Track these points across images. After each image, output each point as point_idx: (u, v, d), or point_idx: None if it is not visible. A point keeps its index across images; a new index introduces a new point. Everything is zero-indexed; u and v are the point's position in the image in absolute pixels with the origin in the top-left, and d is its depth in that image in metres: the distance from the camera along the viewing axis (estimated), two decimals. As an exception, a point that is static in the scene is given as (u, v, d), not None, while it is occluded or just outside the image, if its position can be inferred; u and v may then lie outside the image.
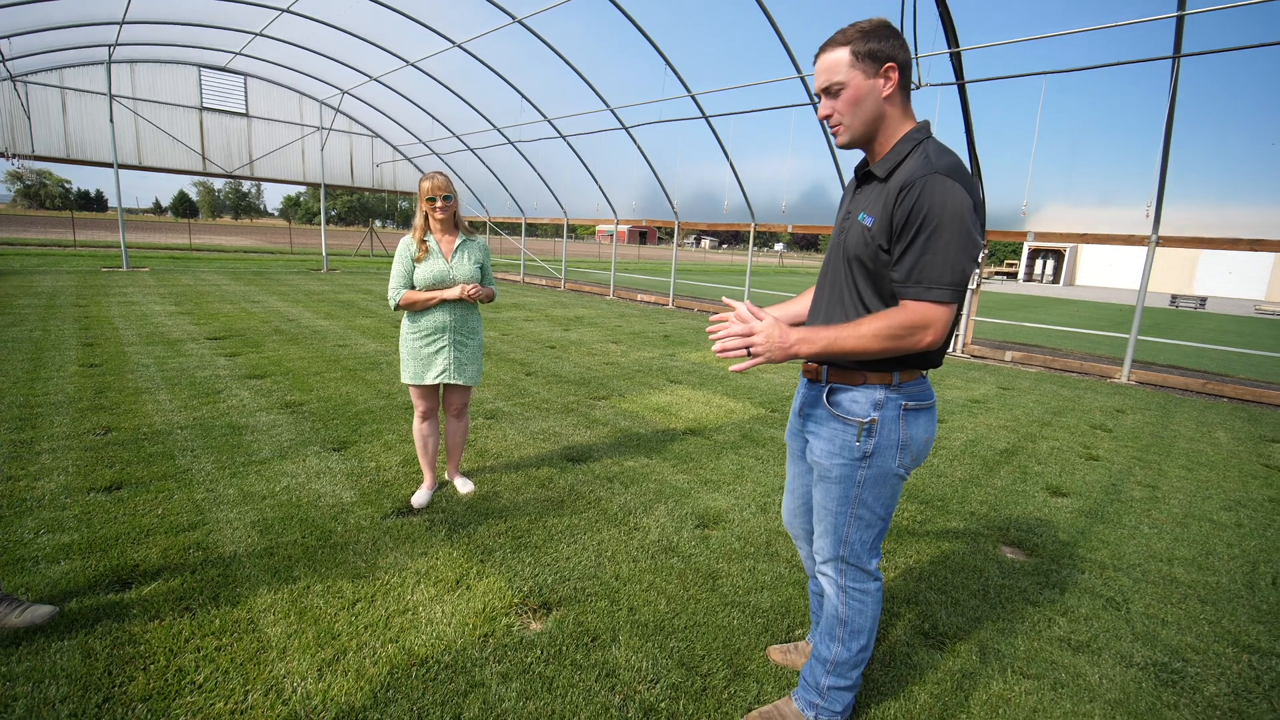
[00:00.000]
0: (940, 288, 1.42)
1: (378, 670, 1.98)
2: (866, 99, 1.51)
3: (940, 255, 1.41)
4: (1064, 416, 5.75)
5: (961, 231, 1.41)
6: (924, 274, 1.42)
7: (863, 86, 1.50)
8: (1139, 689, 2.09)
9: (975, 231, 1.43)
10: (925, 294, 1.43)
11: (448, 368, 3.11)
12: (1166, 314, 21.55)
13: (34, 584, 2.32)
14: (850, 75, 1.50)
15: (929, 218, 1.40)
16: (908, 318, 1.44)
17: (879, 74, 1.49)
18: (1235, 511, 3.69)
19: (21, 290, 10.14)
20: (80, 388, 4.81)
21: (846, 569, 1.69)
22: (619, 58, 10.81)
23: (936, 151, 1.46)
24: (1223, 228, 6.92)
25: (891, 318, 1.45)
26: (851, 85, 1.50)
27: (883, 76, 1.50)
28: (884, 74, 1.49)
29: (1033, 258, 42.61)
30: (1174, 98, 6.55)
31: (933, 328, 1.44)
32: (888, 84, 1.50)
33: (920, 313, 1.43)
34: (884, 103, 1.52)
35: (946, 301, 1.43)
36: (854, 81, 1.50)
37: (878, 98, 1.51)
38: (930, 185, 1.40)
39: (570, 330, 9.33)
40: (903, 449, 1.58)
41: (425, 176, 3.01)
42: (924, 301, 1.43)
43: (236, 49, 14.65)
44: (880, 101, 1.51)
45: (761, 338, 1.43)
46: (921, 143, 1.50)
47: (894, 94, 1.51)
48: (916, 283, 1.43)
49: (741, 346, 1.44)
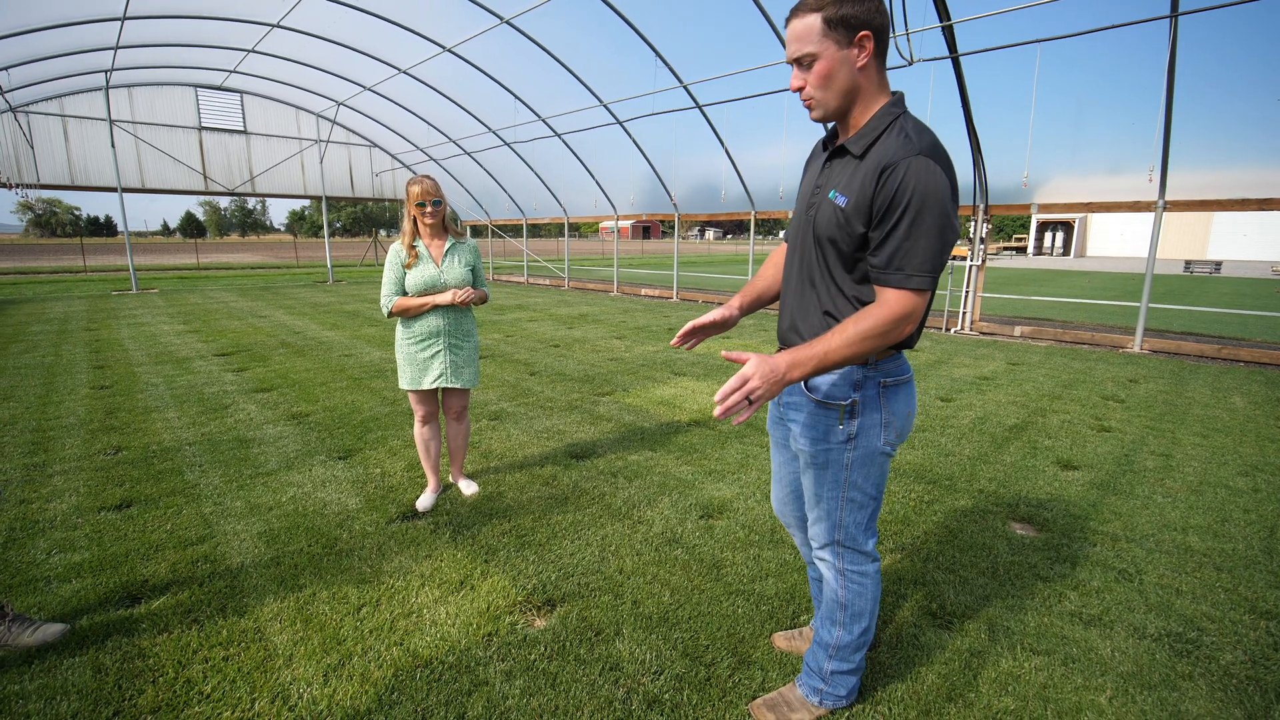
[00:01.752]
0: (921, 275, 1.37)
1: (383, 673, 1.99)
2: (840, 71, 1.41)
3: (922, 241, 1.36)
4: (1075, 389, 5.67)
5: (942, 216, 1.36)
6: (906, 261, 1.37)
7: (835, 58, 1.40)
8: (1153, 660, 2.06)
9: (954, 216, 1.39)
10: (906, 282, 1.37)
11: (444, 371, 3.11)
12: (1181, 280, 21.19)
13: (46, 603, 2.35)
14: (822, 45, 1.40)
15: (912, 203, 1.35)
16: (889, 312, 1.38)
17: (853, 43, 1.40)
18: (1252, 476, 3.62)
19: (34, 317, 10.30)
20: (91, 409, 4.88)
21: (843, 552, 1.67)
22: (609, 52, 10.76)
23: (916, 130, 1.40)
24: (1232, 189, 6.78)
25: (874, 316, 1.39)
26: (824, 56, 1.40)
27: (857, 45, 1.40)
28: (858, 43, 1.40)
29: (1041, 231, 42.05)
30: (1173, 58, 6.41)
31: (913, 317, 1.40)
32: (862, 54, 1.40)
33: (901, 304, 1.38)
34: (859, 74, 1.43)
35: (926, 289, 1.39)
36: (826, 52, 1.40)
37: (852, 69, 1.42)
38: (913, 168, 1.34)
39: (574, 328, 9.33)
40: (886, 426, 1.56)
41: (414, 180, 2.99)
42: (905, 290, 1.38)
43: (231, 67, 14.75)
44: (855, 73, 1.42)
45: (757, 380, 1.32)
46: (898, 118, 1.43)
47: (869, 64, 1.43)
48: (898, 269, 1.38)
49: (743, 399, 1.33)
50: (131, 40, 12.26)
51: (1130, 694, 1.91)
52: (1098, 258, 36.87)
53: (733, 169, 11.27)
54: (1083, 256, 38.34)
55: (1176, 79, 6.52)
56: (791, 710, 1.79)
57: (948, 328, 9.24)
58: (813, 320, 1.56)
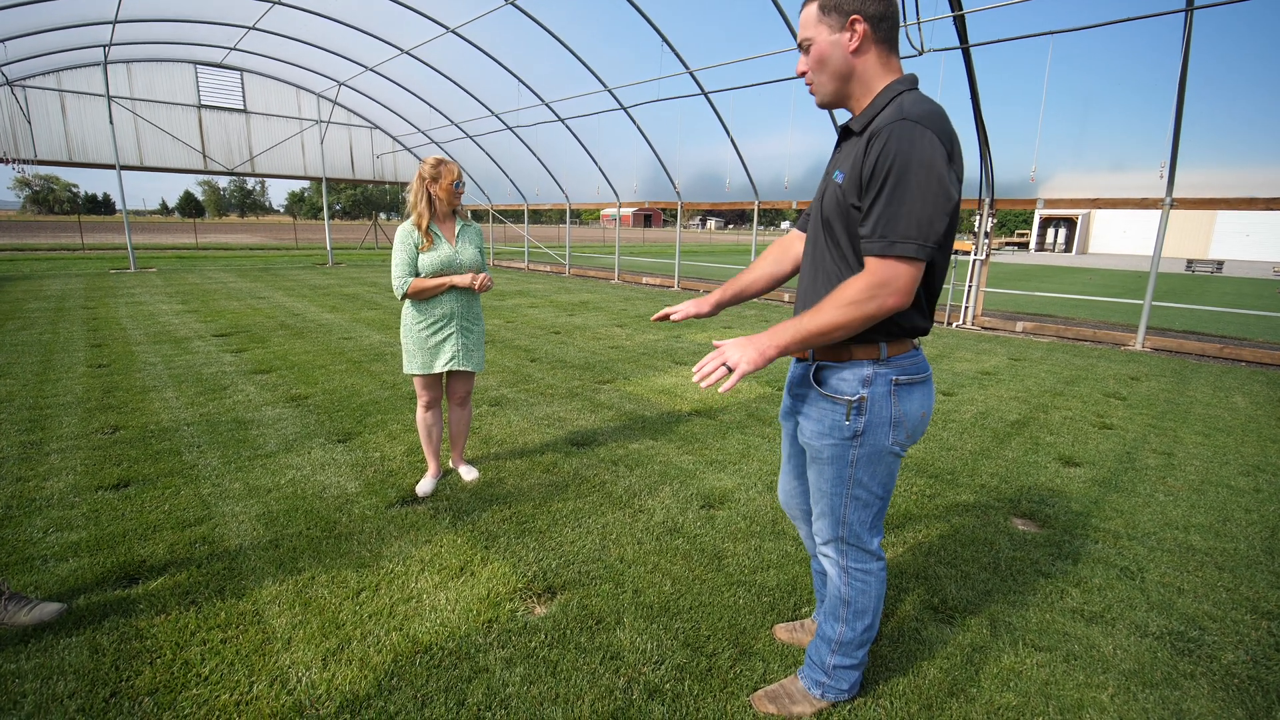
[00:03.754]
0: (906, 241, 1.30)
1: (382, 659, 1.98)
2: (832, 55, 1.44)
3: (906, 206, 1.30)
4: (1077, 386, 5.66)
5: (931, 180, 1.29)
6: (890, 227, 1.31)
7: (828, 42, 1.43)
8: (1154, 659, 2.05)
9: (949, 182, 1.32)
10: (890, 249, 1.31)
11: (456, 354, 3.08)
12: (1183, 279, 21.14)
13: (43, 582, 2.33)
14: (817, 30, 1.44)
15: (894, 167, 1.30)
16: (868, 280, 1.34)
17: (845, 27, 1.41)
18: (1254, 476, 3.61)
19: (31, 294, 10.24)
20: (89, 388, 4.85)
21: (847, 549, 1.65)
22: (614, 36, 10.63)
23: (913, 100, 1.36)
24: (1239, 188, 6.73)
25: (851, 284, 1.36)
26: (818, 41, 1.44)
27: (849, 30, 1.41)
28: (850, 27, 1.40)
29: (1044, 227, 41.89)
30: (1187, 53, 6.33)
31: (894, 286, 1.32)
32: (854, 38, 1.41)
33: (881, 271, 1.33)
34: (853, 58, 1.43)
35: (911, 256, 1.31)
36: (820, 37, 1.44)
37: (844, 53, 1.43)
38: (897, 131, 1.31)
39: (575, 315, 9.29)
40: (895, 426, 1.52)
41: (438, 162, 2.92)
42: (888, 258, 1.32)
43: (231, 44, 14.56)
44: (848, 57, 1.43)
45: (734, 349, 1.42)
46: (900, 94, 1.40)
47: (864, 47, 1.42)
48: (881, 237, 1.32)
49: (718, 364, 1.42)
50: (130, 14, 12.07)
51: (1132, 692, 1.91)
52: (1100, 254, 36.77)
53: (737, 158, 11.17)
54: (1085, 253, 38.23)
55: (1189, 75, 6.44)
56: (793, 702, 1.78)
57: (950, 322, 9.21)
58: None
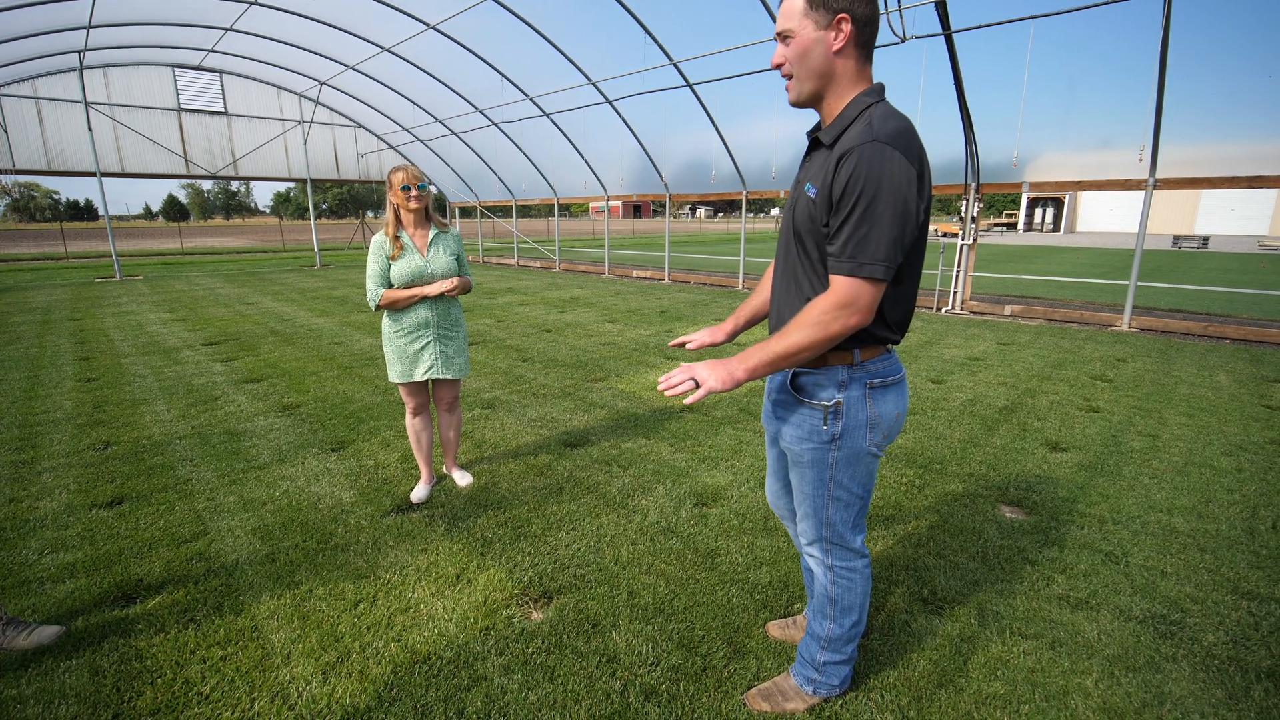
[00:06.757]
0: (874, 263, 1.34)
1: (381, 670, 2.00)
2: (814, 51, 1.42)
3: (875, 230, 1.33)
4: (1064, 369, 5.72)
5: (898, 203, 1.33)
6: (859, 249, 1.35)
7: (811, 37, 1.41)
8: (1137, 643, 2.11)
9: (913, 204, 1.36)
10: (858, 270, 1.35)
11: (435, 363, 3.09)
12: (1169, 256, 21.30)
13: (40, 605, 2.34)
14: (802, 24, 1.41)
15: (865, 190, 1.32)
16: (833, 299, 1.38)
17: (831, 25, 1.40)
18: (1236, 456, 3.68)
19: (16, 307, 10.13)
20: (79, 403, 4.83)
21: (831, 549, 1.68)
22: (598, 28, 10.55)
23: (882, 117, 1.37)
24: (1222, 164, 6.78)
25: (817, 304, 1.39)
26: (801, 34, 1.42)
27: (834, 29, 1.40)
28: (836, 25, 1.39)
29: (1032, 206, 42.09)
30: (1166, 34, 6.36)
31: (857, 306, 1.37)
32: (839, 36, 1.40)
33: (846, 290, 1.37)
34: (834, 58, 1.42)
35: (878, 278, 1.36)
36: (804, 31, 1.41)
37: (827, 51, 1.42)
38: (867, 154, 1.33)
39: (566, 312, 9.29)
40: (872, 428, 1.55)
41: (395, 168, 2.96)
42: (856, 278, 1.36)
43: (209, 46, 14.36)
44: (830, 56, 1.42)
45: (703, 368, 1.45)
46: (869, 107, 1.41)
47: (846, 49, 1.42)
48: (851, 257, 1.35)
49: (685, 379, 1.44)
50: (104, 19, 11.88)
51: (1115, 676, 1.96)
52: (1088, 233, 36.96)
53: (723, 148, 11.15)
54: (1073, 232, 38.42)
55: (1170, 55, 6.47)
56: (786, 699, 1.82)
57: (939, 308, 9.27)
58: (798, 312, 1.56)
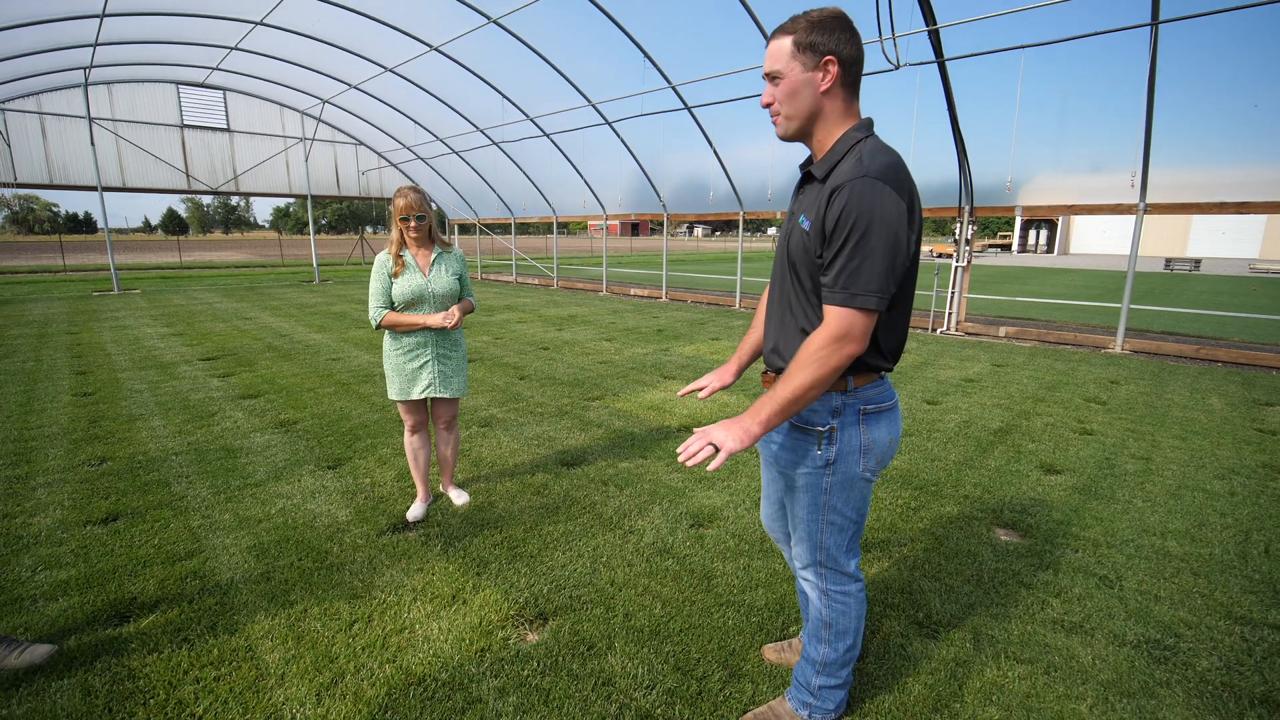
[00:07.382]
0: (867, 294, 1.39)
1: (375, 692, 1.99)
2: (802, 91, 1.48)
3: (868, 262, 1.38)
4: (1058, 391, 5.76)
5: (888, 238, 1.38)
6: (852, 280, 1.39)
7: (799, 79, 1.48)
8: (1131, 668, 2.11)
9: (904, 238, 1.41)
10: (851, 300, 1.40)
11: (433, 382, 3.11)
12: (1162, 278, 21.53)
13: (32, 623, 2.33)
14: (790, 66, 1.47)
15: (856, 224, 1.38)
16: (828, 333, 1.41)
17: (818, 67, 1.46)
18: (1228, 480, 3.70)
19: (13, 320, 10.12)
20: (74, 418, 4.82)
21: (826, 573, 1.70)
22: (598, 52, 10.74)
23: (871, 153, 1.43)
24: (1211, 189, 6.91)
25: (813, 341, 1.43)
26: (789, 76, 1.48)
27: (821, 70, 1.46)
28: (823, 67, 1.46)
29: (1026, 227, 42.61)
30: (1154, 64, 6.51)
31: (853, 335, 1.41)
32: (826, 78, 1.46)
33: (840, 323, 1.41)
34: (822, 97, 1.49)
35: (871, 309, 1.40)
36: (792, 73, 1.48)
37: (814, 91, 1.48)
38: (858, 189, 1.38)
39: (563, 330, 9.33)
40: (865, 453, 1.58)
41: (398, 193, 3.00)
42: (849, 309, 1.40)
43: (213, 64, 14.54)
44: (817, 96, 1.48)
45: (719, 430, 1.45)
46: (859, 142, 1.47)
47: (833, 89, 1.48)
48: (844, 289, 1.40)
49: (703, 444, 1.44)
50: (111, 37, 12.04)
51: (1110, 702, 1.96)
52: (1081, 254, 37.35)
53: (721, 169, 11.30)
54: (1066, 253, 38.83)
55: (1158, 83, 6.62)
56: (781, 724, 1.82)
57: (934, 329, 9.34)
58: (793, 341, 1.60)
